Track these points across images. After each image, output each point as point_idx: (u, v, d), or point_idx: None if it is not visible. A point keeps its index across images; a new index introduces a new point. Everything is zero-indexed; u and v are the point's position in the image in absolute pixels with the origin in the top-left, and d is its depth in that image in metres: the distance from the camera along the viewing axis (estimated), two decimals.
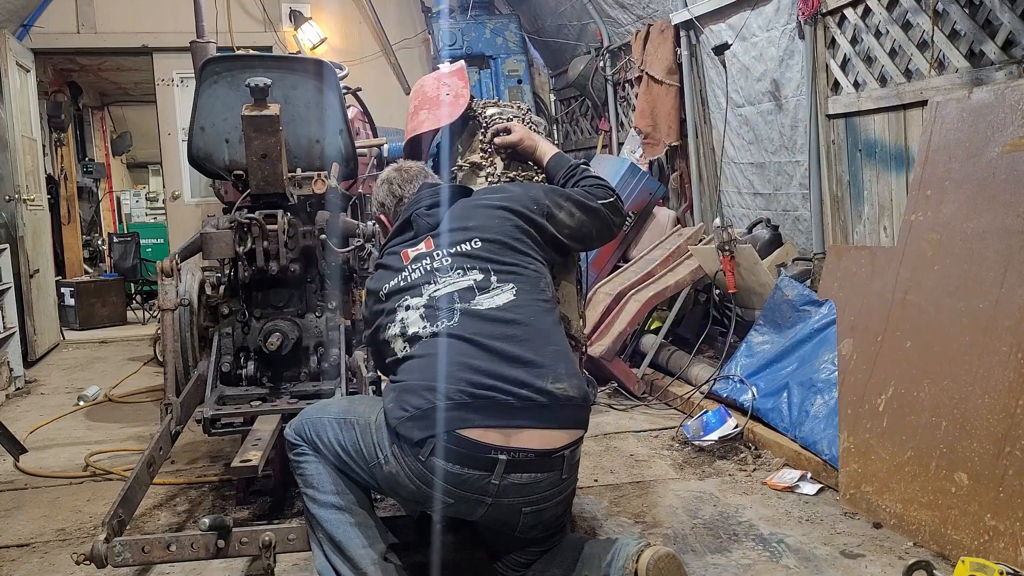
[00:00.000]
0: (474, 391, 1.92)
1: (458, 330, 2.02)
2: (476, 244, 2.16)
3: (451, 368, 1.96)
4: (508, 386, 1.93)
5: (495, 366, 1.95)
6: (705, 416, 3.59)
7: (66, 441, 4.07)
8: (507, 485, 1.92)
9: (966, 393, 2.49)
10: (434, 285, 2.11)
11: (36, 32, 6.88)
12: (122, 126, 12.16)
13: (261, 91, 2.73)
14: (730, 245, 3.93)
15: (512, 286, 2.09)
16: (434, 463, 1.92)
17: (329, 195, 3.01)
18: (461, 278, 2.11)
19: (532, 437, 1.93)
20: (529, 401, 1.93)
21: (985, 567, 2.04)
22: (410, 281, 2.15)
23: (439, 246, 2.18)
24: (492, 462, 1.90)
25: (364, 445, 2.06)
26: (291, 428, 2.23)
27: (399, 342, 2.10)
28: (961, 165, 2.74)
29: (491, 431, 1.91)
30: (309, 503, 2.13)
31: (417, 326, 2.07)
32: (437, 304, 2.08)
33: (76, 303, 7.51)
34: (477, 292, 2.07)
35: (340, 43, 7.37)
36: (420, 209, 2.26)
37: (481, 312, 2.04)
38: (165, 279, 2.97)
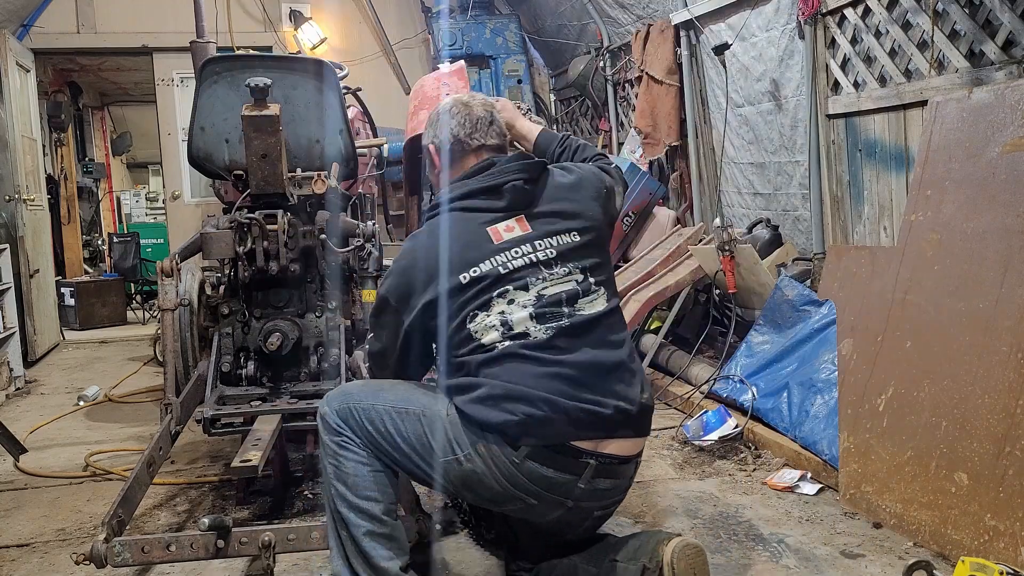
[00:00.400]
0: (586, 407, 1.91)
1: (566, 336, 1.96)
2: (575, 238, 2.05)
3: (561, 383, 1.91)
4: (611, 400, 1.94)
5: (600, 378, 1.95)
6: (705, 416, 3.59)
7: (66, 441, 4.07)
8: (591, 490, 1.95)
9: (966, 393, 2.49)
10: (542, 282, 1.99)
11: (36, 32, 6.88)
12: (122, 126, 12.16)
13: (261, 91, 2.73)
14: (730, 245, 3.93)
15: (603, 291, 2.05)
16: (529, 466, 1.90)
17: (329, 195, 3.01)
18: (566, 277, 2.01)
19: (618, 445, 1.97)
20: (624, 413, 1.95)
21: (985, 567, 2.04)
22: (511, 268, 1.99)
23: (538, 232, 2.03)
24: (583, 467, 1.93)
25: (435, 440, 1.95)
26: (334, 411, 2.05)
27: (493, 334, 1.95)
28: (961, 165, 2.74)
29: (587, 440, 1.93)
30: (338, 499, 2.01)
31: (525, 325, 1.95)
32: (546, 304, 1.97)
33: (76, 303, 7.51)
34: (580, 295, 2.01)
35: (340, 43, 7.37)
36: (516, 181, 2.05)
37: (585, 317, 1.99)
38: (165, 279, 2.97)
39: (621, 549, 2.04)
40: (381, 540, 2.00)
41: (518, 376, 1.91)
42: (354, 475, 2.00)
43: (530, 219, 2.05)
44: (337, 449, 2.03)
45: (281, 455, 3.13)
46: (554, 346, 1.95)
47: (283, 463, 3.17)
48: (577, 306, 2.00)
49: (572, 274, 2.02)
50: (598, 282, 2.05)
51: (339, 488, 2.01)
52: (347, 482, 2.00)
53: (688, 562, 1.94)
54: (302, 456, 3.42)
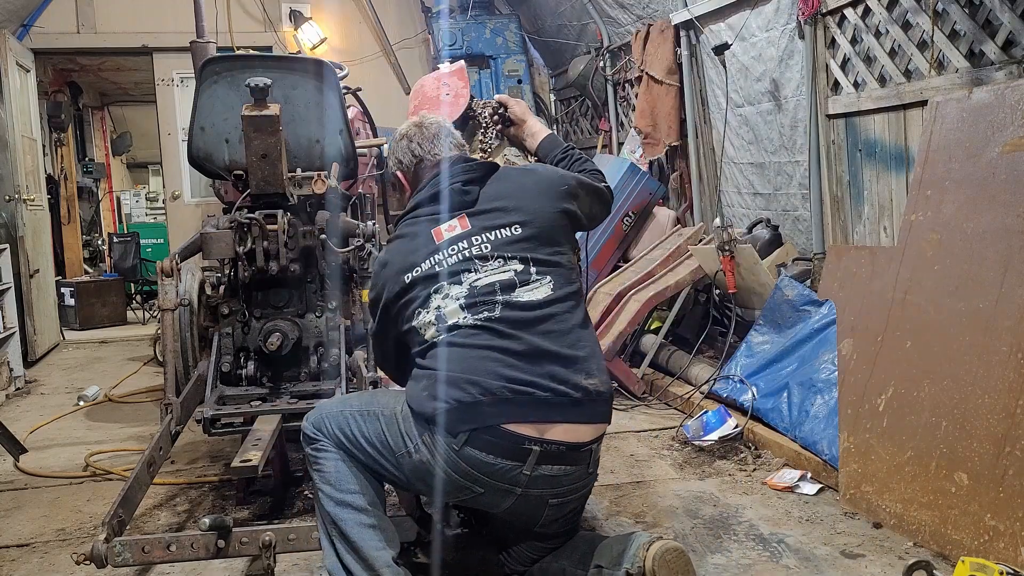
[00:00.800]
0: (515, 387, 1.95)
1: (499, 323, 2.01)
2: (516, 231, 2.11)
3: (492, 363, 1.97)
4: (546, 382, 1.97)
5: (534, 362, 1.98)
6: (705, 416, 3.59)
7: (66, 441, 4.07)
8: (537, 476, 1.96)
9: (966, 393, 2.49)
10: (474, 274, 2.07)
11: (36, 32, 6.88)
12: (122, 126, 12.16)
13: (261, 91, 2.73)
14: (730, 245, 3.93)
15: (549, 279, 2.08)
16: (469, 453, 1.94)
17: (329, 195, 3.01)
18: (502, 268, 2.07)
19: (564, 431, 1.98)
20: (564, 397, 1.97)
21: (985, 567, 2.04)
22: (447, 266, 2.09)
23: (476, 228, 2.12)
24: (525, 453, 1.94)
25: (390, 436, 2.05)
26: (309, 422, 2.19)
27: (431, 329, 2.06)
28: (961, 165, 2.74)
29: (526, 425, 1.94)
30: (324, 499, 2.10)
31: (457, 316, 2.04)
32: (478, 294, 2.04)
33: (76, 303, 7.51)
34: (518, 284, 2.06)
35: (340, 43, 7.37)
36: (456, 184, 2.18)
37: (521, 304, 2.04)
38: (165, 279, 2.97)
39: (607, 554, 2.06)
40: (370, 530, 2.06)
41: (448, 363, 2.00)
42: (335, 472, 2.10)
43: (471, 217, 2.14)
44: (315, 455, 2.14)
45: (281, 455, 3.13)
46: (487, 329, 2.01)
47: (283, 463, 3.17)
48: (514, 294, 2.04)
49: (508, 264, 2.07)
50: (541, 271, 2.08)
51: (325, 489, 2.10)
52: (330, 481, 2.10)
53: (669, 568, 1.95)
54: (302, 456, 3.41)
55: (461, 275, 2.07)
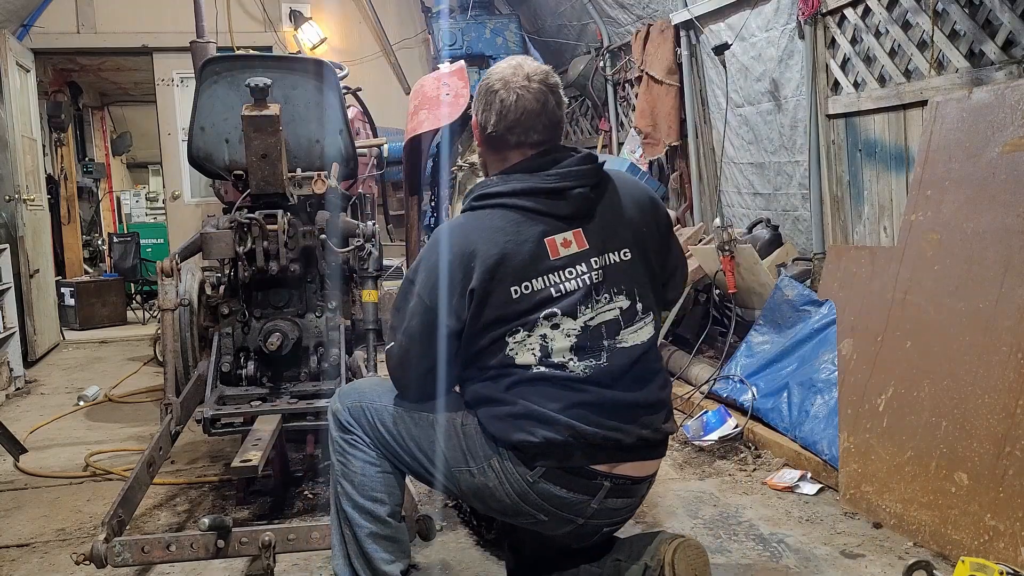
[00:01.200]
0: (606, 434, 1.86)
1: (601, 373, 1.88)
2: (626, 256, 1.91)
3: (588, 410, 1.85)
4: (635, 429, 1.90)
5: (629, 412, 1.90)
6: (705, 416, 3.59)
7: (66, 441, 4.07)
8: (603, 509, 1.93)
9: (966, 393, 2.49)
10: (590, 310, 1.86)
11: (36, 32, 6.88)
12: (122, 126, 12.16)
13: (261, 91, 2.73)
14: (730, 245, 3.93)
15: (651, 318, 1.95)
16: (542, 487, 1.87)
17: (329, 195, 3.01)
18: (611, 303, 1.89)
19: (634, 467, 1.94)
20: (644, 441, 1.93)
21: (985, 567, 2.04)
22: (564, 292, 1.85)
23: (592, 249, 1.88)
24: (597, 488, 1.90)
25: (448, 448, 1.92)
26: (345, 408, 2.02)
27: (529, 356, 1.85)
28: (961, 165, 2.74)
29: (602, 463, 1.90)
30: (343, 497, 2.00)
31: (563, 355, 1.85)
32: (588, 335, 1.86)
33: (76, 303, 7.51)
34: (622, 324, 1.90)
35: (340, 43, 7.37)
36: (583, 188, 1.88)
37: (626, 350, 1.90)
38: (165, 279, 2.97)
39: (624, 549, 2.05)
40: (383, 542, 1.99)
41: (545, 400, 1.84)
42: (361, 474, 1.98)
43: (587, 233, 1.88)
44: (346, 447, 2.00)
45: (281, 455, 3.13)
46: (590, 380, 1.88)
47: (283, 463, 3.17)
48: (619, 338, 1.89)
49: (615, 300, 1.89)
50: (646, 309, 1.93)
51: (345, 486, 2.00)
52: (353, 481, 1.99)
53: (689, 563, 1.94)
54: (302, 456, 3.42)
55: (577, 308, 1.85)
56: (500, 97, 1.88)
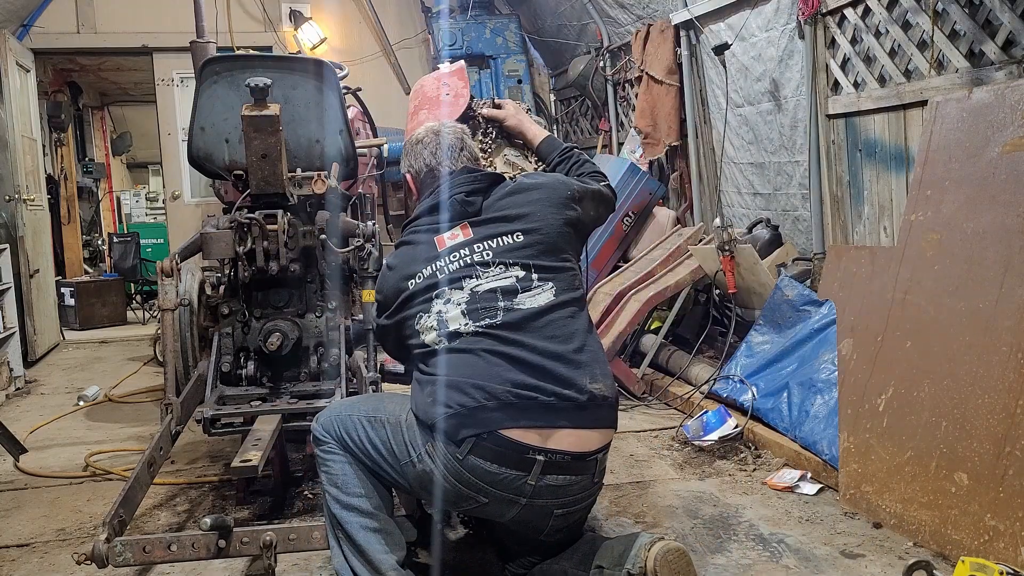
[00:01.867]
0: (519, 391, 1.93)
1: (501, 329, 2.01)
2: (518, 238, 2.12)
3: (495, 368, 1.96)
4: (551, 385, 1.95)
5: (538, 365, 1.97)
6: (705, 416, 3.59)
7: (66, 441, 4.07)
8: (543, 486, 1.95)
9: (966, 393, 2.49)
10: (475, 280, 2.07)
11: (36, 32, 6.88)
12: (122, 126, 12.16)
13: (261, 91, 2.73)
14: (730, 245, 3.93)
15: (552, 285, 2.08)
16: (472, 462, 1.93)
17: (329, 195, 3.01)
18: (503, 274, 2.07)
19: (569, 438, 1.96)
20: (569, 401, 1.96)
21: (985, 567, 2.04)
22: (448, 272, 2.10)
23: (478, 236, 2.13)
24: (530, 463, 1.93)
25: (395, 444, 2.05)
26: (319, 424, 2.20)
27: (432, 334, 2.06)
28: (961, 165, 2.74)
29: (530, 431, 1.93)
30: (332, 502, 2.12)
31: (458, 322, 2.04)
32: (479, 300, 2.05)
33: (76, 303, 7.51)
34: (520, 290, 2.06)
35: (340, 43, 7.37)
36: (459, 195, 2.19)
37: (523, 311, 2.03)
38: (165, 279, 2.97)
39: (608, 554, 2.05)
40: (376, 534, 2.07)
41: (451, 368, 1.99)
42: (342, 475, 2.12)
43: (474, 226, 2.15)
44: (324, 456, 2.16)
45: (281, 455, 3.13)
46: (489, 335, 2.00)
47: (283, 463, 3.17)
48: (516, 300, 2.04)
49: (510, 270, 2.08)
50: (543, 278, 2.08)
51: (332, 491, 2.12)
52: (337, 483, 2.12)
53: (670, 568, 1.94)
54: (302, 456, 3.42)
55: (462, 280, 2.07)
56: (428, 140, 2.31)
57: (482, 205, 2.19)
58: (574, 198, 2.22)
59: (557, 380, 1.96)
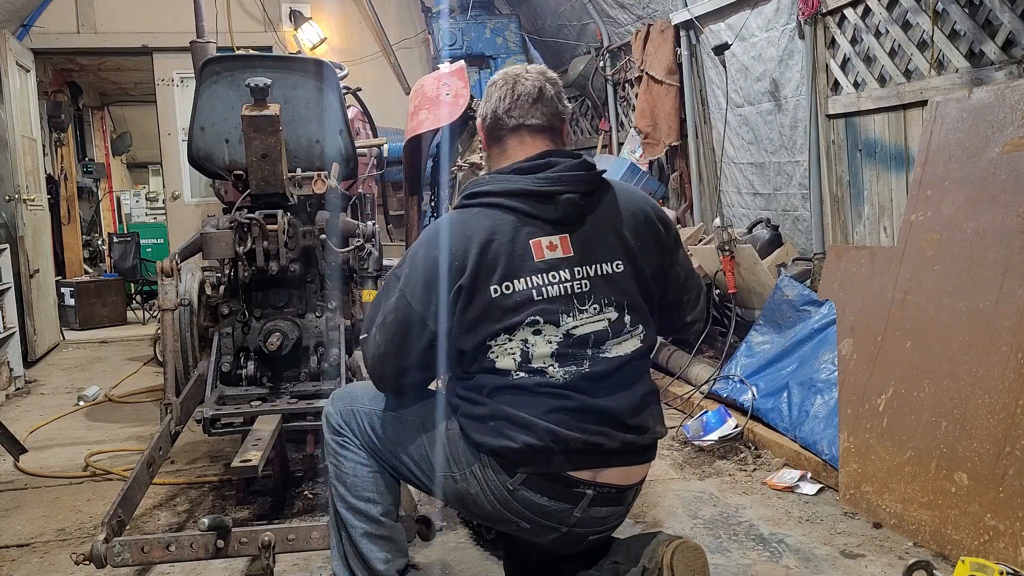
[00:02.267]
0: (588, 439, 1.83)
1: (582, 380, 1.85)
2: (618, 268, 1.88)
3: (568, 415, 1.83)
4: (620, 433, 1.87)
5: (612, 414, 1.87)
6: (705, 416, 3.59)
7: (66, 441, 4.07)
8: (587, 518, 1.91)
9: (966, 393, 2.49)
10: (573, 318, 1.83)
11: (36, 32, 6.88)
12: (122, 126, 12.16)
13: (261, 91, 2.73)
14: (730, 245, 3.93)
15: (642, 330, 1.91)
16: (523, 494, 1.85)
17: (329, 195, 3.01)
18: (598, 315, 1.86)
19: (618, 474, 1.91)
20: (630, 446, 1.90)
21: (985, 567, 2.04)
22: (546, 297, 1.82)
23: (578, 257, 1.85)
24: (579, 496, 1.87)
25: (433, 453, 1.92)
26: (337, 411, 2.05)
27: (509, 361, 1.83)
28: (961, 165, 2.74)
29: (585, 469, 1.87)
30: (337, 499, 2.02)
31: (543, 361, 1.83)
32: (572, 344, 1.84)
33: (76, 303, 7.51)
34: (610, 335, 1.87)
35: (340, 43, 7.37)
36: (574, 194, 1.85)
37: (609, 360, 1.87)
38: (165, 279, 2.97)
39: (622, 551, 2.03)
40: (379, 542, 1.99)
41: (525, 406, 1.83)
42: (353, 475, 2.00)
43: (574, 240, 1.86)
44: (338, 449, 2.03)
45: (281, 455, 3.13)
46: (570, 386, 1.85)
47: (283, 463, 3.17)
48: (603, 348, 1.87)
49: (604, 312, 1.86)
50: (634, 321, 1.89)
51: (339, 488, 2.02)
52: (346, 483, 2.01)
53: (687, 564, 1.93)
54: (302, 456, 3.42)
55: (559, 315, 1.83)
56: (498, 86, 1.95)
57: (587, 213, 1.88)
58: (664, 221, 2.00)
59: (626, 428, 1.88)
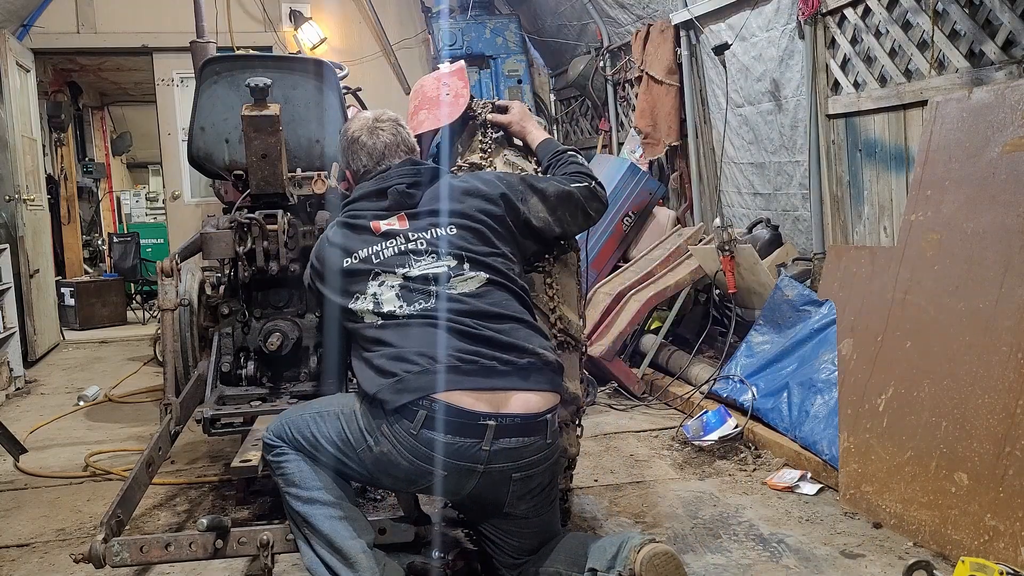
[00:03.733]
0: (461, 355, 2.00)
1: (436, 311, 2.07)
2: (451, 230, 2.19)
3: (436, 337, 2.03)
4: (490, 350, 2.02)
5: (477, 333, 2.04)
6: (705, 416, 3.59)
7: (66, 441, 4.07)
8: (497, 451, 1.99)
9: (966, 393, 2.49)
10: (408, 268, 2.14)
11: (36, 32, 6.88)
12: (122, 126, 12.16)
13: (261, 91, 2.72)
14: (730, 245, 3.93)
15: (485, 276, 2.14)
16: (426, 435, 1.96)
17: (329, 195, 3.01)
18: (435, 263, 2.15)
19: (517, 401, 2.01)
20: (510, 364, 2.02)
21: (985, 567, 2.04)
22: (383, 258, 2.17)
23: (413, 227, 2.20)
24: (482, 428, 1.97)
25: (351, 432, 2.07)
26: (269, 431, 2.22)
27: (369, 315, 2.12)
28: (961, 165, 2.74)
29: (481, 398, 1.98)
30: (293, 501, 2.13)
31: (392, 304, 2.11)
32: (412, 285, 2.12)
33: (76, 303, 7.51)
34: (452, 276, 2.13)
35: (340, 43, 7.37)
36: (400, 185, 2.25)
37: (455, 295, 2.10)
38: (165, 279, 2.97)
39: (600, 555, 2.05)
40: (341, 521, 2.08)
41: (393, 342, 2.05)
42: (297, 472, 2.13)
43: (410, 217, 2.22)
44: (276, 460, 2.17)
45: None
46: (424, 317, 2.07)
47: None
48: (448, 285, 2.11)
49: (441, 260, 2.14)
50: (474, 268, 2.14)
51: (291, 491, 2.13)
52: (295, 482, 2.12)
53: (657, 572, 1.95)
54: None
55: (395, 267, 2.14)
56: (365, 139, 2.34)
57: (421, 198, 2.25)
58: (515, 194, 2.28)
59: (497, 345, 2.03)
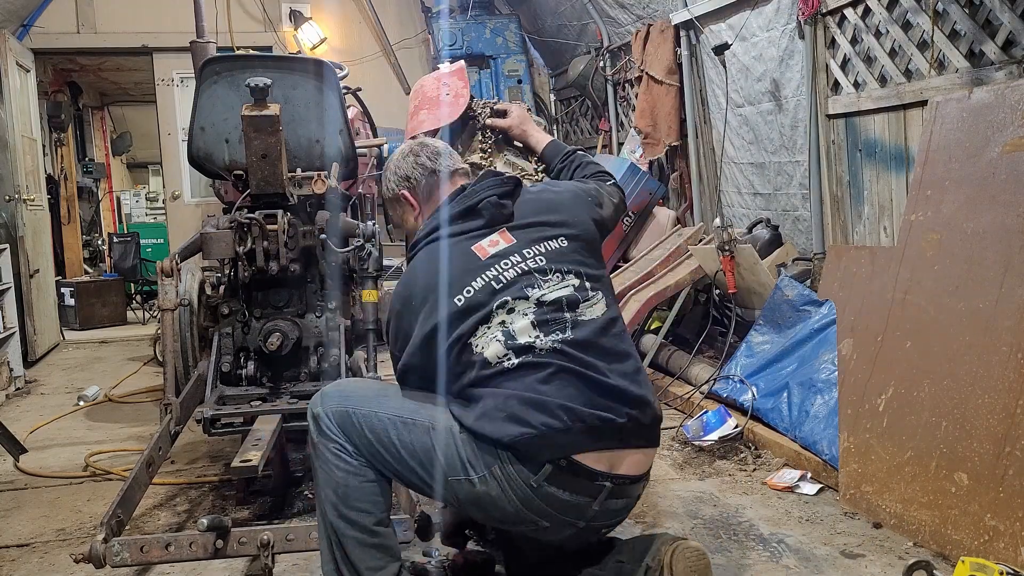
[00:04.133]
0: (601, 414, 1.85)
1: (572, 346, 1.88)
2: (563, 243, 2.02)
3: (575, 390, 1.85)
4: (625, 407, 1.88)
5: (614, 387, 1.88)
6: (705, 416, 3.59)
7: (66, 441, 4.07)
8: (604, 511, 1.91)
9: (966, 393, 2.49)
10: (538, 289, 1.93)
11: (36, 32, 6.88)
12: (122, 126, 12.16)
13: (261, 91, 2.73)
14: (730, 245, 3.93)
15: (601, 295, 1.99)
16: (547, 490, 1.83)
17: (329, 195, 3.01)
18: (561, 283, 1.95)
19: (630, 461, 1.91)
20: (636, 422, 1.90)
21: (985, 567, 2.04)
22: (506, 280, 1.93)
23: (523, 242, 2.00)
24: (599, 489, 1.87)
25: (445, 456, 1.86)
26: (328, 414, 1.95)
27: (497, 346, 1.88)
28: (961, 165, 2.74)
29: (602, 457, 1.86)
30: (328, 506, 1.96)
31: (528, 335, 1.88)
32: (547, 311, 1.91)
33: (76, 303, 7.51)
34: (580, 299, 1.95)
35: (340, 43, 7.37)
36: (492, 197, 2.04)
37: (586, 323, 1.93)
38: (165, 279, 2.97)
39: (626, 551, 2.04)
40: (371, 550, 1.94)
41: (529, 385, 1.84)
42: (344, 485, 1.93)
43: (512, 231, 2.02)
44: (328, 455, 1.95)
45: (281, 455, 3.13)
46: (563, 353, 1.88)
47: (283, 463, 3.17)
48: (579, 311, 1.93)
49: (566, 278, 1.97)
50: (594, 287, 1.99)
51: (329, 495, 1.96)
52: (337, 492, 1.94)
53: (687, 564, 1.94)
54: (302, 456, 3.41)
55: (525, 289, 1.92)
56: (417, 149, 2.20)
57: (515, 209, 2.06)
58: (596, 201, 2.18)
59: (630, 401, 1.89)
